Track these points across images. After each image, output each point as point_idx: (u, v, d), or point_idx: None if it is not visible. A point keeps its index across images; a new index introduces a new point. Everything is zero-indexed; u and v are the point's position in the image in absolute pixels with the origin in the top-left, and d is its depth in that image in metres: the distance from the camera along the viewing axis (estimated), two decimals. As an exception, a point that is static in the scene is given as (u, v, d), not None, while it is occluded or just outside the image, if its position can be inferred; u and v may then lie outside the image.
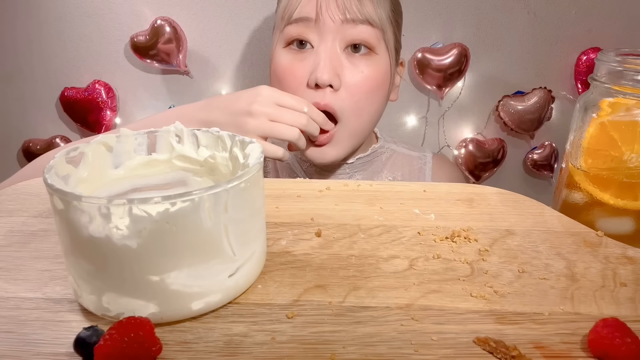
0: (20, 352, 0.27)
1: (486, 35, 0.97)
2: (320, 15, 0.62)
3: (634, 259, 0.37)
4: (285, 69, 0.65)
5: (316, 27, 0.63)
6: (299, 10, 0.63)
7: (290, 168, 0.76)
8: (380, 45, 0.65)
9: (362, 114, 0.66)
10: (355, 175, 0.74)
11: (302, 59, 0.64)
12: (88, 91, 1.00)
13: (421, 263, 0.36)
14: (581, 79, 0.99)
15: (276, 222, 0.42)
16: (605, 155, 0.46)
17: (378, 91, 0.66)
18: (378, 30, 0.63)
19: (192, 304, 0.29)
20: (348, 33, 0.62)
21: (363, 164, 0.74)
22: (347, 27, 0.62)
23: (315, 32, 0.63)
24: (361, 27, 0.62)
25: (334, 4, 0.61)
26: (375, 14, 0.63)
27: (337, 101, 0.63)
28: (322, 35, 0.63)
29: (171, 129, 0.38)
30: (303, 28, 0.63)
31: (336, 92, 0.63)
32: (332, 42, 0.63)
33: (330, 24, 0.62)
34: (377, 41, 0.64)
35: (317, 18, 0.62)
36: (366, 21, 0.62)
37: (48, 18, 0.97)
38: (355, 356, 0.27)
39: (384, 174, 0.76)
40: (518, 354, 0.27)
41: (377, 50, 0.64)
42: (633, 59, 0.43)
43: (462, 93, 1.02)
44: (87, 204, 0.26)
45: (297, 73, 0.64)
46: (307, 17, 0.63)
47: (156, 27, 0.95)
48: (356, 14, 0.62)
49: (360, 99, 0.64)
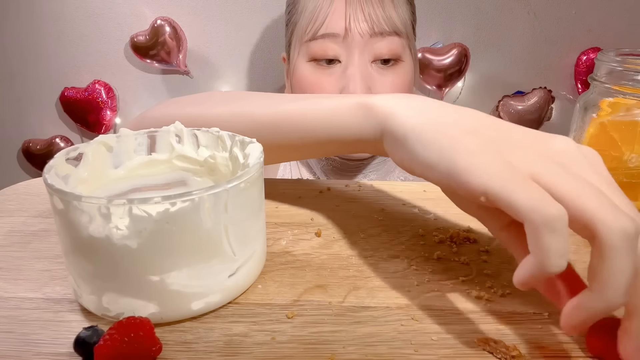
0: (20, 352, 0.27)
1: (486, 35, 0.98)
2: (349, 31, 0.61)
3: (634, 259, 0.37)
4: (313, 83, 0.65)
5: (344, 43, 0.62)
6: (326, 25, 0.62)
7: (309, 165, 0.76)
8: (405, 52, 0.65)
9: None
10: (370, 175, 0.75)
11: (330, 74, 0.64)
12: (88, 91, 1.00)
13: (421, 263, 0.36)
14: (581, 79, 0.99)
15: (276, 222, 0.42)
16: (605, 155, 0.45)
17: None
18: (404, 39, 0.64)
19: (192, 304, 0.29)
20: (377, 47, 0.62)
21: (378, 163, 0.75)
22: (375, 41, 0.62)
23: (343, 48, 0.63)
24: (389, 39, 0.62)
25: (362, 16, 0.61)
26: (400, 21, 0.63)
27: None
28: (349, 50, 0.62)
29: (171, 129, 0.38)
30: (330, 44, 0.63)
31: None
32: (359, 57, 0.62)
33: (359, 39, 0.62)
34: (402, 50, 0.64)
35: (346, 34, 0.61)
36: (393, 32, 0.62)
37: (48, 18, 0.97)
38: (355, 356, 0.27)
39: (395, 173, 0.77)
40: (518, 354, 0.27)
41: (403, 57, 0.65)
42: (633, 59, 0.43)
43: (462, 93, 1.02)
44: (87, 204, 0.26)
45: (326, 88, 0.63)
46: (334, 33, 0.62)
47: (156, 27, 0.95)
48: (384, 26, 0.61)
49: None
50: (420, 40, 0.97)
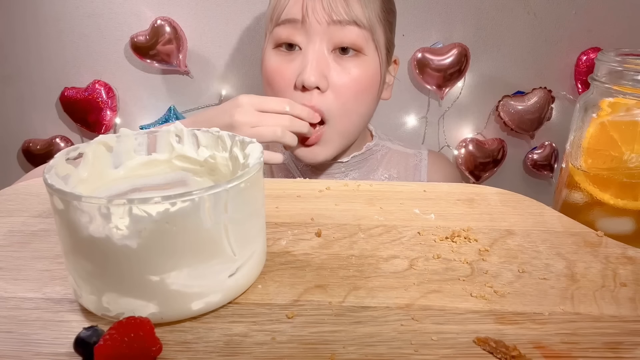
0: (20, 352, 0.27)
1: (486, 35, 0.98)
2: (307, 17, 0.62)
3: (634, 259, 0.37)
4: (274, 70, 0.65)
5: (303, 29, 0.62)
6: (286, 11, 0.63)
7: (287, 168, 0.76)
8: (368, 46, 0.64)
9: (351, 115, 0.66)
10: (351, 174, 0.74)
11: (290, 61, 0.64)
12: (88, 91, 1.00)
13: (421, 263, 0.36)
14: (581, 79, 0.99)
15: (276, 222, 0.42)
16: (605, 155, 0.45)
17: (366, 92, 0.66)
18: (366, 31, 0.63)
19: (192, 304, 0.29)
20: (335, 35, 0.62)
21: (358, 162, 0.74)
22: (334, 29, 0.62)
23: (303, 34, 0.63)
24: (348, 28, 0.62)
25: (320, 5, 0.61)
26: (363, 15, 0.62)
27: (324, 103, 0.63)
28: (309, 36, 0.63)
29: (171, 129, 0.38)
30: (290, 30, 0.63)
31: (323, 93, 0.63)
32: (319, 44, 0.63)
33: (317, 25, 0.62)
34: (365, 42, 0.63)
35: (304, 20, 0.62)
36: (353, 22, 0.62)
37: (48, 18, 0.97)
38: (355, 356, 0.27)
39: (379, 172, 0.76)
40: (518, 354, 0.27)
41: (366, 51, 0.64)
42: (633, 59, 0.43)
43: (462, 93, 1.02)
44: (87, 204, 0.26)
45: (285, 74, 0.64)
46: (293, 18, 0.62)
47: (156, 27, 0.95)
48: (343, 15, 0.61)
49: (348, 100, 0.64)
50: (420, 40, 0.97)
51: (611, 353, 0.28)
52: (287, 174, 0.76)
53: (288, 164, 0.76)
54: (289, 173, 0.76)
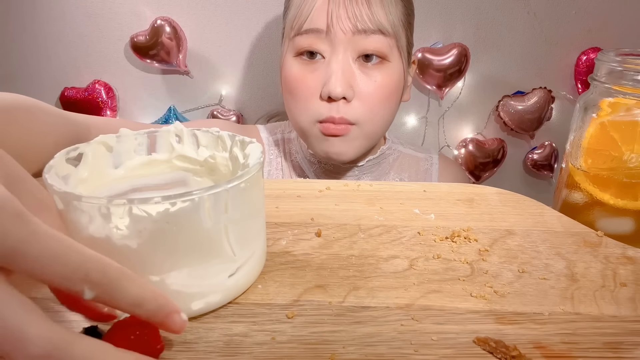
0: (20, 352, 0.27)
1: (486, 35, 0.98)
2: (332, 27, 0.61)
3: (634, 259, 0.37)
4: (297, 79, 0.64)
5: (327, 39, 0.62)
6: (309, 21, 0.62)
7: (301, 168, 0.76)
8: (392, 52, 0.64)
9: (376, 120, 0.65)
10: (364, 177, 0.74)
11: (314, 70, 0.63)
12: (88, 91, 1.00)
13: (421, 263, 0.36)
14: (581, 79, 0.99)
15: (276, 222, 0.42)
16: (605, 155, 0.46)
17: (392, 98, 0.66)
18: (391, 39, 0.62)
19: (192, 304, 0.29)
20: (360, 44, 0.61)
21: (372, 166, 0.74)
22: (359, 38, 0.61)
23: (327, 43, 0.62)
24: (373, 37, 0.61)
25: (345, 14, 0.60)
26: (388, 21, 0.62)
27: (351, 112, 0.62)
28: (333, 46, 0.62)
29: (171, 129, 0.38)
30: (314, 39, 0.62)
31: (349, 103, 0.62)
32: (343, 54, 0.62)
33: (342, 35, 0.61)
34: (389, 49, 0.63)
35: (328, 30, 0.61)
36: (378, 31, 0.61)
37: (48, 18, 0.97)
38: (355, 356, 0.27)
39: (391, 175, 0.76)
40: (518, 354, 0.27)
41: (390, 58, 0.63)
42: (633, 59, 0.43)
43: (462, 93, 1.02)
44: (87, 204, 0.26)
45: (310, 84, 0.63)
46: (317, 28, 0.61)
47: (156, 27, 0.95)
48: (367, 24, 0.60)
49: (374, 107, 0.64)
50: (420, 40, 0.97)
51: (611, 353, 0.28)
52: (302, 173, 0.76)
53: (302, 165, 0.76)
54: (303, 173, 0.76)
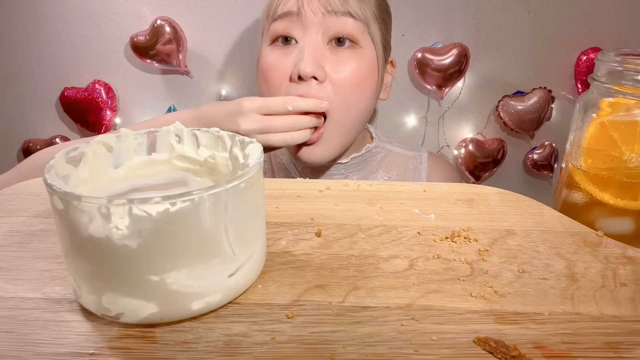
0: (20, 352, 0.27)
1: (486, 35, 0.98)
2: (302, 8, 0.62)
3: (634, 259, 0.37)
4: (270, 66, 0.65)
5: (299, 21, 0.63)
6: (282, 6, 0.64)
7: (286, 168, 0.76)
8: (364, 38, 0.64)
9: (350, 110, 0.65)
10: (351, 175, 0.74)
11: (287, 54, 0.64)
12: (88, 91, 1.00)
13: (421, 263, 0.36)
14: (581, 79, 0.99)
15: (276, 222, 0.42)
16: (605, 155, 0.46)
17: (364, 85, 0.66)
18: (362, 23, 0.63)
19: (192, 304, 0.29)
20: (331, 26, 0.63)
21: (357, 163, 0.74)
22: (330, 20, 0.62)
23: (299, 27, 0.63)
24: (344, 19, 0.62)
25: None
26: (359, 8, 0.63)
27: (324, 93, 0.62)
28: (305, 29, 0.63)
29: (171, 129, 0.38)
30: (287, 23, 0.63)
31: (322, 84, 0.63)
32: (315, 35, 0.63)
33: (312, 17, 0.62)
34: (361, 34, 0.64)
35: (300, 12, 0.62)
36: (348, 13, 0.62)
37: (48, 18, 0.97)
38: (355, 356, 0.27)
39: (379, 173, 0.76)
40: (518, 354, 0.27)
41: (362, 43, 0.64)
42: (633, 59, 0.43)
43: (462, 93, 1.02)
44: (87, 204, 0.26)
45: (281, 68, 0.64)
46: (289, 11, 0.63)
47: (156, 27, 0.95)
48: (338, 6, 0.62)
49: (347, 93, 0.64)
50: (420, 40, 0.97)
51: (611, 353, 0.28)
52: (288, 174, 0.76)
53: (288, 165, 0.76)
54: (289, 173, 0.76)
